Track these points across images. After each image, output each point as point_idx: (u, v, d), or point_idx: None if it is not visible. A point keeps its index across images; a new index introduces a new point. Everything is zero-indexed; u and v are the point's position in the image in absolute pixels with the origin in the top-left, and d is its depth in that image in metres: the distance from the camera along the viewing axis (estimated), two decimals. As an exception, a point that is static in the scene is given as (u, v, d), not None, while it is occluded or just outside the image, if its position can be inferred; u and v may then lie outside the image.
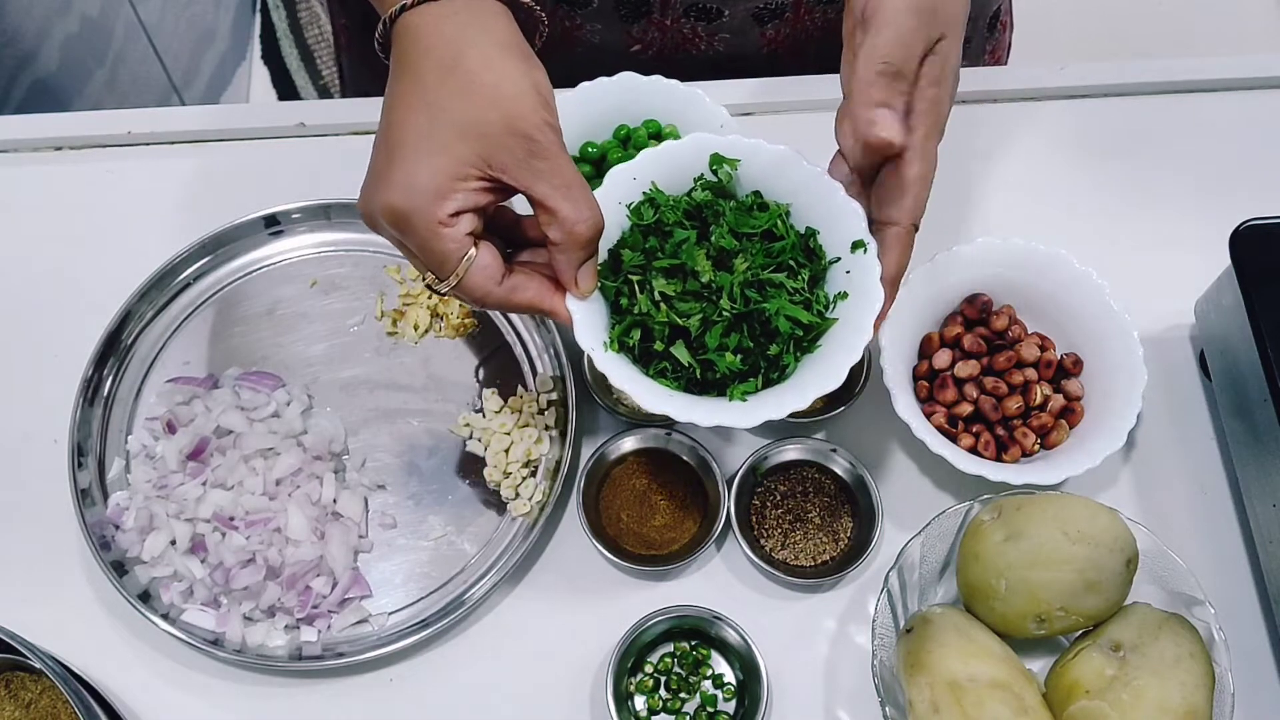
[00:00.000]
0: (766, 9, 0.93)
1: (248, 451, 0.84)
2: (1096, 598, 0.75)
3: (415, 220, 0.64)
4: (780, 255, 0.71)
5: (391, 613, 0.82)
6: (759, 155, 0.73)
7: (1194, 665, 0.73)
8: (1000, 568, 0.76)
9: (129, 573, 0.82)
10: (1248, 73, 0.99)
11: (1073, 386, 0.84)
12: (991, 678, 0.73)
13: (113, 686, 0.80)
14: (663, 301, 0.70)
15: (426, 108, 0.64)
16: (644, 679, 0.79)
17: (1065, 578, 0.75)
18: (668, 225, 0.72)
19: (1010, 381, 0.84)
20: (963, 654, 0.74)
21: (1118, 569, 0.75)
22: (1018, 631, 0.77)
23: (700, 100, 0.90)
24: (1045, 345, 0.85)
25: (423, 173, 0.64)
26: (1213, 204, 0.93)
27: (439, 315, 0.90)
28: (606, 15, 0.92)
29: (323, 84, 2.17)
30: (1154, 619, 0.76)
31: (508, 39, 0.66)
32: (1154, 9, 2.20)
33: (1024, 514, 0.77)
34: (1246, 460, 0.82)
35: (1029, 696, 0.74)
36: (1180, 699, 0.72)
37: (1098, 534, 0.75)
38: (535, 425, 0.86)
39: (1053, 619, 0.76)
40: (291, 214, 0.93)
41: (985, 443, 0.82)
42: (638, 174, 0.73)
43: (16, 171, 0.97)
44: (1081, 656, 0.76)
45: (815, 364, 0.71)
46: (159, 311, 0.90)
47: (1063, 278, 0.85)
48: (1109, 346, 0.84)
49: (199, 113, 0.99)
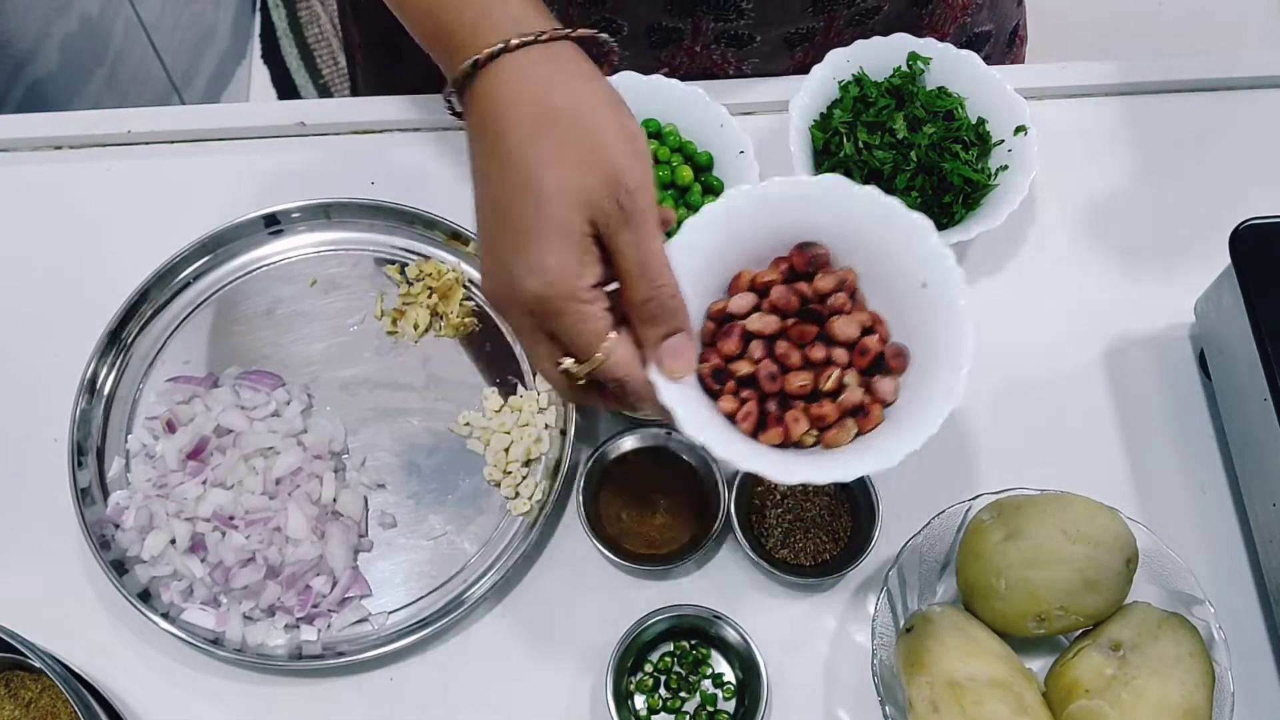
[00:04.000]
0: (797, 34, 0.93)
1: (248, 451, 0.84)
2: (1096, 597, 0.75)
3: (560, 304, 0.61)
4: (958, 131, 0.89)
5: (391, 612, 0.82)
6: (945, 57, 0.91)
7: (1194, 665, 0.73)
8: (1000, 567, 0.75)
9: (129, 572, 0.82)
10: (1248, 73, 0.99)
11: (884, 386, 0.68)
12: (991, 677, 0.73)
13: (113, 686, 0.80)
14: (864, 149, 0.88)
15: (527, 179, 0.61)
16: (644, 678, 0.79)
17: (1065, 577, 0.74)
18: (871, 98, 0.90)
19: (809, 355, 0.68)
20: (962, 653, 0.74)
21: (1117, 568, 0.75)
22: (1018, 630, 0.77)
23: (700, 100, 0.90)
24: (873, 328, 0.69)
25: (550, 254, 0.60)
26: (1213, 204, 0.93)
27: (439, 315, 0.90)
28: (637, 42, 0.92)
29: (323, 83, 2.17)
30: (1154, 618, 0.76)
31: (591, 83, 0.63)
32: (1154, 9, 2.20)
33: (1023, 513, 0.76)
34: (1246, 460, 0.82)
35: (1028, 695, 0.73)
36: (1180, 698, 0.72)
37: (1097, 533, 0.75)
38: (535, 424, 0.86)
39: (1053, 618, 0.75)
40: (291, 213, 0.93)
41: (746, 413, 0.67)
42: (851, 56, 0.91)
43: (16, 171, 0.97)
44: (1081, 656, 0.75)
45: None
46: (159, 310, 0.90)
47: (919, 251, 0.68)
48: (937, 356, 0.68)
49: (199, 112, 0.99)
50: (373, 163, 0.96)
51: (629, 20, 0.90)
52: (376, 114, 0.98)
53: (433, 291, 0.90)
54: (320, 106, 1.01)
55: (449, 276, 0.90)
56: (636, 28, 0.91)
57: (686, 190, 0.89)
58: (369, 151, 0.97)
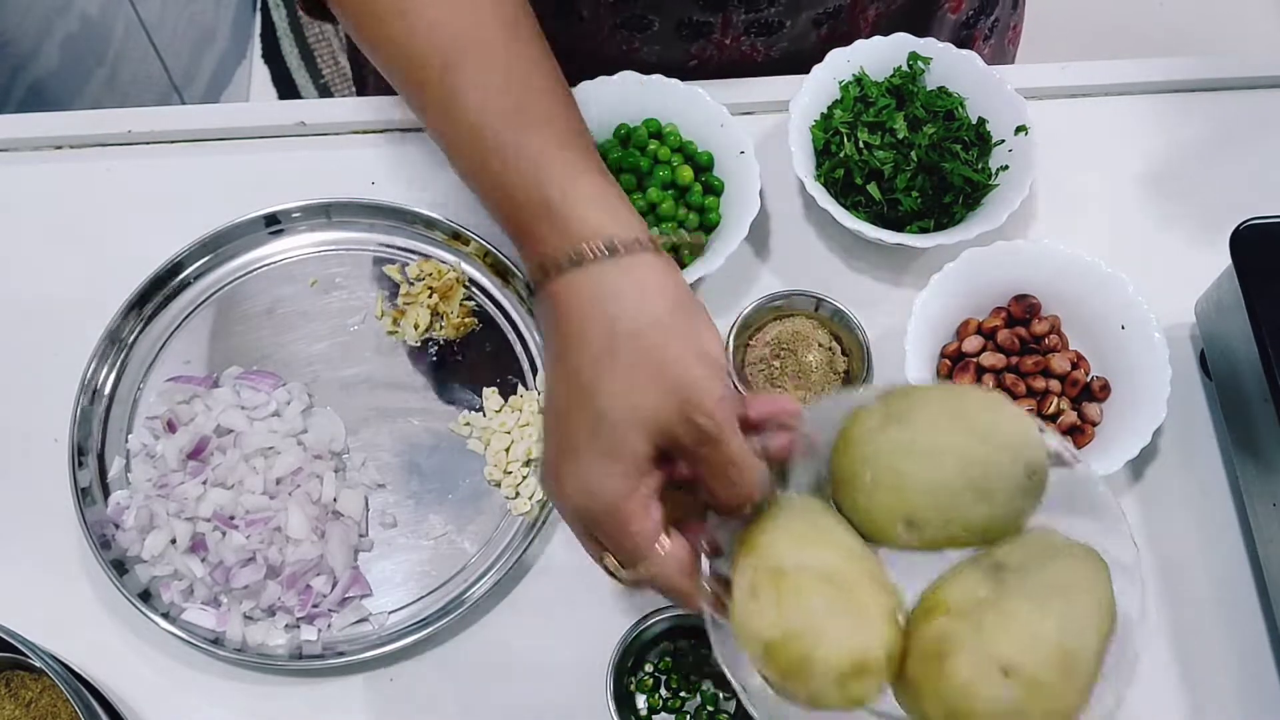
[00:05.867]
0: (825, 13, 0.93)
1: (248, 450, 0.84)
2: (983, 508, 0.61)
3: (603, 521, 0.61)
4: (958, 131, 0.89)
5: (392, 612, 0.82)
6: (945, 57, 0.92)
7: (1085, 601, 0.58)
8: (868, 454, 0.62)
9: (129, 571, 0.82)
10: (1248, 73, 0.99)
11: (1091, 410, 0.83)
12: (823, 569, 0.59)
13: (113, 685, 0.80)
14: (865, 149, 0.88)
15: (589, 399, 0.60)
16: (644, 678, 0.79)
17: (944, 475, 0.60)
18: (871, 98, 0.90)
19: (1031, 385, 0.84)
20: (799, 540, 0.61)
21: (1015, 477, 0.60)
22: (885, 536, 0.63)
23: (700, 99, 0.90)
24: (1079, 364, 0.85)
25: (596, 476, 0.60)
26: (1213, 204, 0.93)
27: (439, 315, 0.90)
28: (667, 37, 0.92)
29: (323, 83, 2.17)
30: (1053, 544, 0.61)
31: (667, 298, 0.62)
32: (1154, 9, 2.20)
33: (911, 399, 0.63)
34: (1246, 460, 0.82)
35: (866, 598, 0.59)
36: (1057, 634, 0.57)
37: (994, 430, 0.61)
38: (535, 424, 0.86)
39: (925, 525, 0.61)
40: (291, 213, 0.93)
41: None
42: (851, 56, 0.91)
43: (16, 171, 0.97)
44: (957, 576, 0.61)
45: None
46: (159, 310, 0.90)
47: (1116, 300, 0.84)
48: (1138, 381, 0.83)
49: (199, 112, 0.99)
50: (373, 163, 0.96)
51: (660, 16, 0.90)
52: (376, 114, 0.98)
53: (433, 291, 0.90)
54: (320, 106, 1.01)
55: (449, 276, 0.90)
56: (667, 23, 0.91)
57: (687, 190, 0.89)
58: (369, 151, 0.97)
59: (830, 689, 0.58)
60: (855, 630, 0.58)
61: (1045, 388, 0.83)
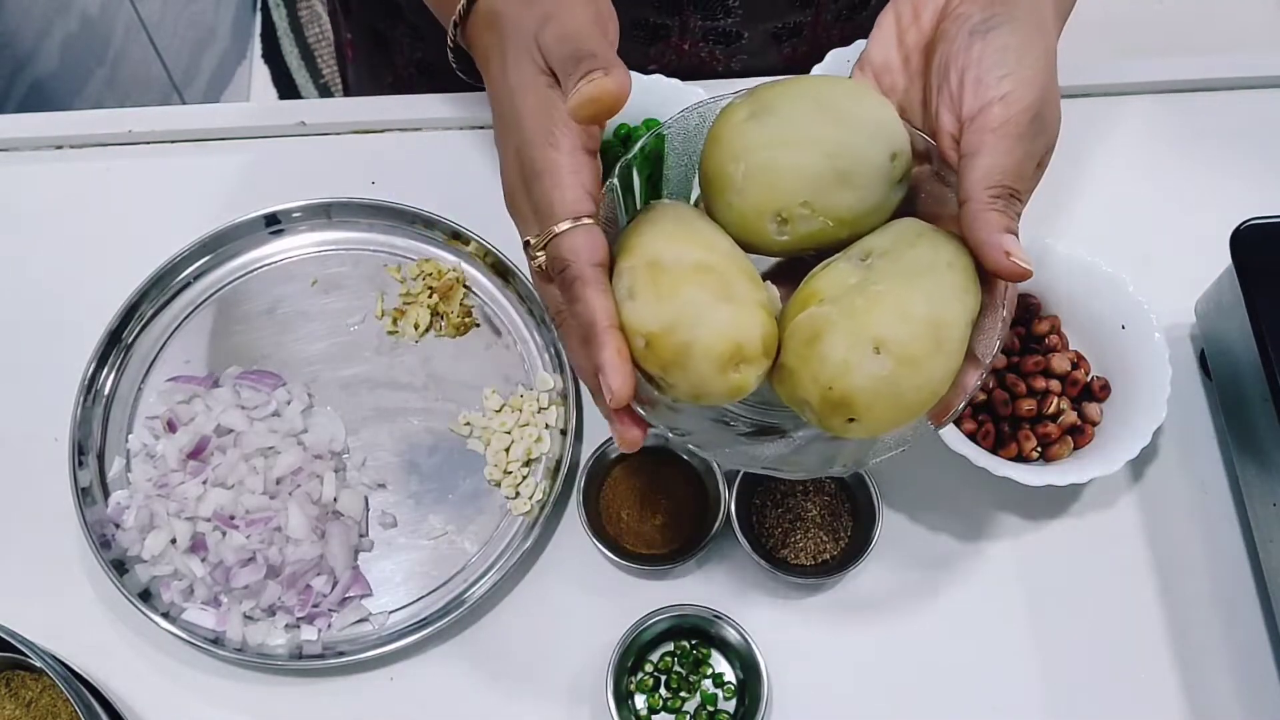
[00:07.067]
0: (785, 28, 0.92)
1: (248, 450, 0.84)
2: (849, 194, 0.63)
3: (531, 151, 0.61)
4: None
5: (392, 612, 0.82)
6: None
7: (950, 276, 0.60)
8: (738, 150, 0.63)
9: (129, 571, 0.82)
10: (1248, 73, 0.99)
11: (1092, 410, 0.83)
12: (698, 261, 0.60)
13: (113, 685, 0.80)
14: None
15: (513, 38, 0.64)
16: (644, 678, 0.79)
17: (811, 162, 0.62)
18: None
19: (1032, 385, 0.83)
20: (674, 238, 0.61)
21: (877, 161, 0.63)
22: (758, 237, 0.64)
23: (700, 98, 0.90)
24: (1079, 364, 0.85)
25: (527, 102, 0.62)
26: (1213, 204, 0.93)
27: (439, 315, 0.90)
28: (624, 38, 0.92)
29: (323, 83, 2.17)
30: (918, 229, 0.63)
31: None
32: (1154, 9, 2.20)
33: (777, 91, 0.64)
34: (1246, 460, 0.82)
35: (744, 290, 0.60)
36: (925, 308, 0.59)
37: (858, 116, 0.63)
38: (535, 424, 0.86)
39: (796, 218, 0.63)
40: (292, 213, 0.93)
41: (985, 432, 0.82)
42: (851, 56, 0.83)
43: (16, 171, 0.97)
44: (828, 269, 0.63)
45: None
46: (159, 310, 0.90)
47: (1116, 300, 0.84)
48: (1138, 381, 0.83)
49: (199, 112, 0.99)
50: (373, 163, 0.96)
51: (616, 13, 0.90)
52: (376, 114, 0.98)
53: (433, 291, 0.90)
54: (320, 106, 1.01)
55: (449, 276, 0.90)
56: (623, 21, 0.91)
57: (687, 190, 0.89)
58: (369, 151, 0.97)
59: (712, 376, 0.59)
60: (733, 317, 0.59)
61: (1045, 388, 0.83)
